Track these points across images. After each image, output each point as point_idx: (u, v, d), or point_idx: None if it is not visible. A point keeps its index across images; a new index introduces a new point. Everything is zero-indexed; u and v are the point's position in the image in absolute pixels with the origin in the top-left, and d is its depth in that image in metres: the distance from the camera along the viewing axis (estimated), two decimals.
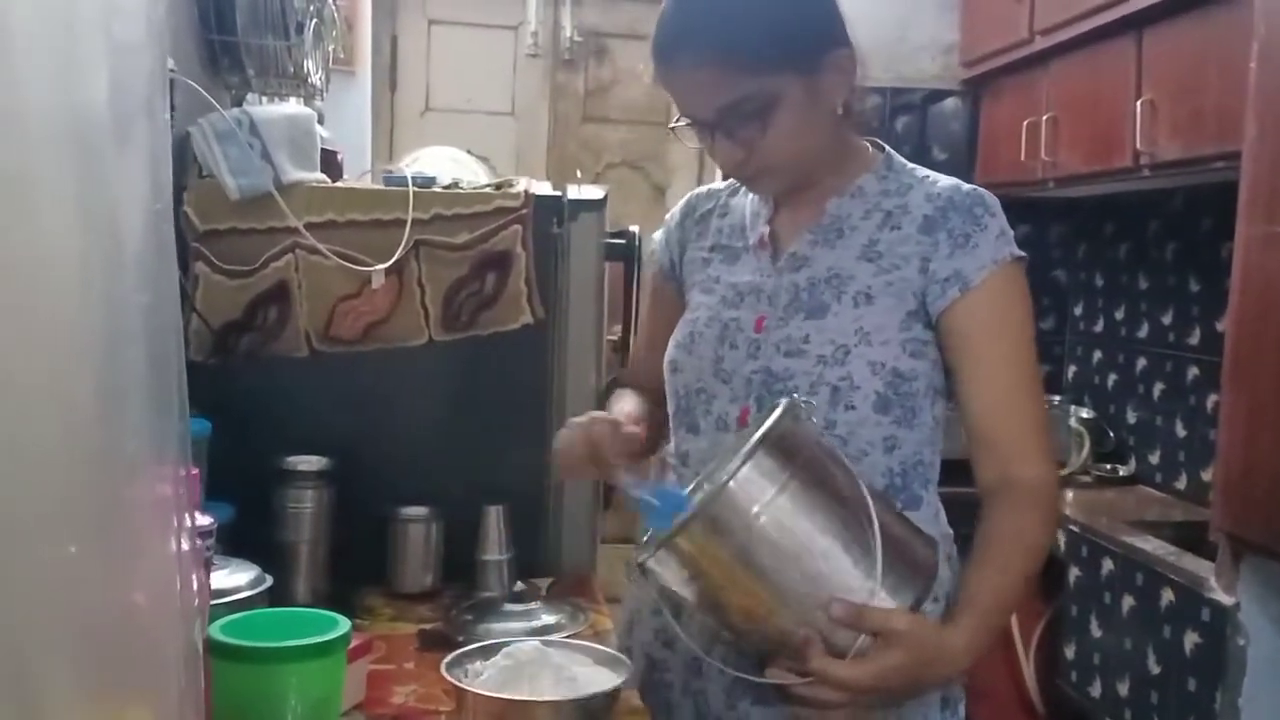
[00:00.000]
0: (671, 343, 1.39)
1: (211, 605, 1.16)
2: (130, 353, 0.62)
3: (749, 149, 1.25)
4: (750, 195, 1.41)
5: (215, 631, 1.11)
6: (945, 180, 1.32)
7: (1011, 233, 1.29)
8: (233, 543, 1.42)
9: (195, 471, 1.21)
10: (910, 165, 1.36)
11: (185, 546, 0.72)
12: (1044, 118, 3.01)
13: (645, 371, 1.49)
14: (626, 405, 1.39)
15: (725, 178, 1.41)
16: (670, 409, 1.39)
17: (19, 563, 0.56)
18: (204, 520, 1.23)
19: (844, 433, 1.25)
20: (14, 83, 0.54)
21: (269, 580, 1.34)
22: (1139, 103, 2.58)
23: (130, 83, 0.63)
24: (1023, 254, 1.28)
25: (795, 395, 1.18)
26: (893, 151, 1.38)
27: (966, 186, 1.31)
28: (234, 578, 1.30)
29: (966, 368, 1.26)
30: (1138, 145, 2.59)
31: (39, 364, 0.55)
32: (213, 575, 1.26)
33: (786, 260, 1.33)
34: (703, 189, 1.52)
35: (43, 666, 0.60)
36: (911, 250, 1.27)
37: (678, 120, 1.29)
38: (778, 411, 1.10)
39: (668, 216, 1.53)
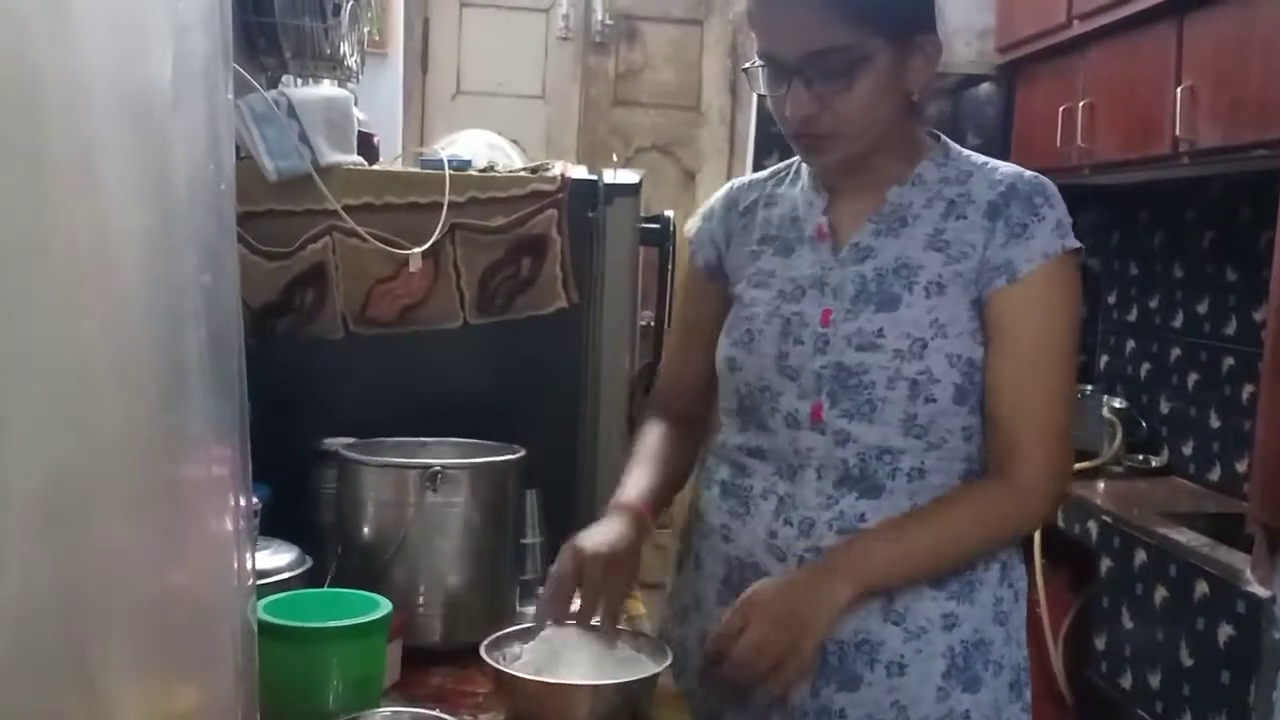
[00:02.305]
0: (727, 341, 1.36)
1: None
2: (193, 333, 0.62)
3: (822, 104, 1.23)
4: (801, 185, 1.38)
5: (259, 611, 1.12)
6: (1006, 167, 1.31)
7: (1070, 222, 1.27)
8: (269, 523, 1.43)
9: None
10: (966, 152, 1.35)
11: (241, 526, 0.72)
12: (1080, 104, 2.98)
13: (678, 384, 1.48)
14: (636, 485, 1.37)
15: (788, 130, 1.30)
16: (730, 406, 1.37)
17: (83, 540, 0.56)
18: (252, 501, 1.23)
19: (924, 423, 1.25)
20: (80, 61, 0.55)
21: (309, 561, 1.34)
22: (1179, 89, 2.55)
23: (193, 62, 0.63)
24: (1077, 245, 1.27)
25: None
26: (949, 140, 1.36)
27: (1029, 174, 1.30)
28: (275, 558, 1.31)
29: (994, 355, 1.25)
30: (1177, 132, 2.56)
31: (105, 341, 0.56)
32: (255, 556, 1.27)
33: (849, 251, 1.31)
34: (742, 180, 1.48)
35: (103, 643, 0.60)
36: (977, 238, 1.26)
37: (753, 61, 1.27)
38: None
39: (704, 211, 1.48)
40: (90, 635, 0.59)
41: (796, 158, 1.39)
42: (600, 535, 1.28)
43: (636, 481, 1.37)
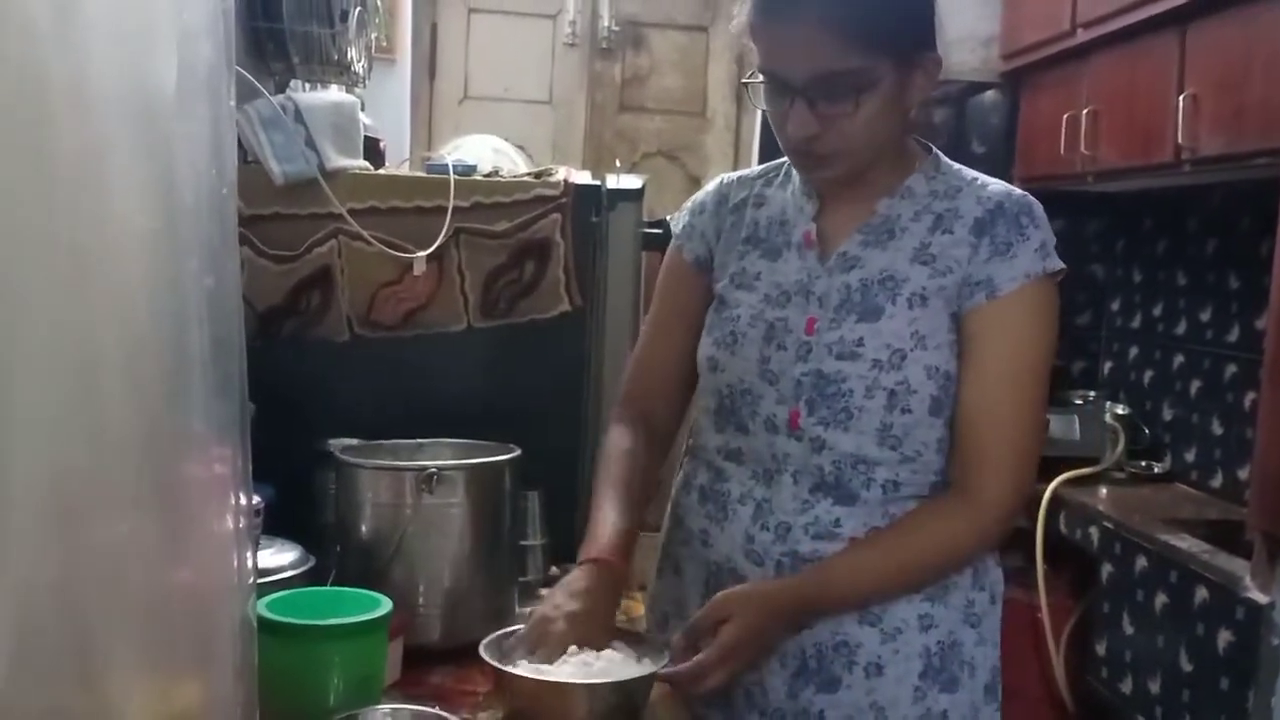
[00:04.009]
0: (709, 340, 1.36)
1: (257, 584, 1.19)
2: (196, 334, 0.64)
3: (826, 124, 1.21)
4: (791, 189, 1.38)
5: (261, 609, 1.13)
6: (995, 184, 1.31)
7: (1053, 244, 1.28)
8: (274, 523, 1.44)
9: None
10: (957, 166, 1.35)
11: (241, 524, 0.74)
12: (1084, 111, 2.99)
13: (649, 382, 1.45)
14: (606, 530, 1.31)
15: (788, 147, 1.29)
16: (710, 406, 1.37)
17: (87, 538, 0.58)
18: (253, 500, 1.25)
19: (900, 434, 1.26)
20: (87, 67, 0.56)
21: (312, 560, 1.36)
22: (1181, 97, 2.56)
23: (198, 68, 0.64)
24: (1060, 268, 1.27)
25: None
26: (939, 152, 1.36)
27: (1017, 193, 1.30)
28: (278, 557, 1.33)
29: (965, 369, 1.26)
30: (1179, 140, 2.56)
31: (110, 342, 0.57)
32: (258, 554, 1.28)
33: (836, 260, 1.31)
34: (732, 176, 1.46)
35: (106, 640, 0.61)
36: (963, 254, 1.27)
37: (752, 75, 1.26)
38: None
39: (693, 204, 1.46)
40: (94, 632, 0.60)
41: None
42: (568, 603, 1.23)
43: (606, 523, 1.33)
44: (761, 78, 1.24)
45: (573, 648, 1.21)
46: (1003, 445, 1.25)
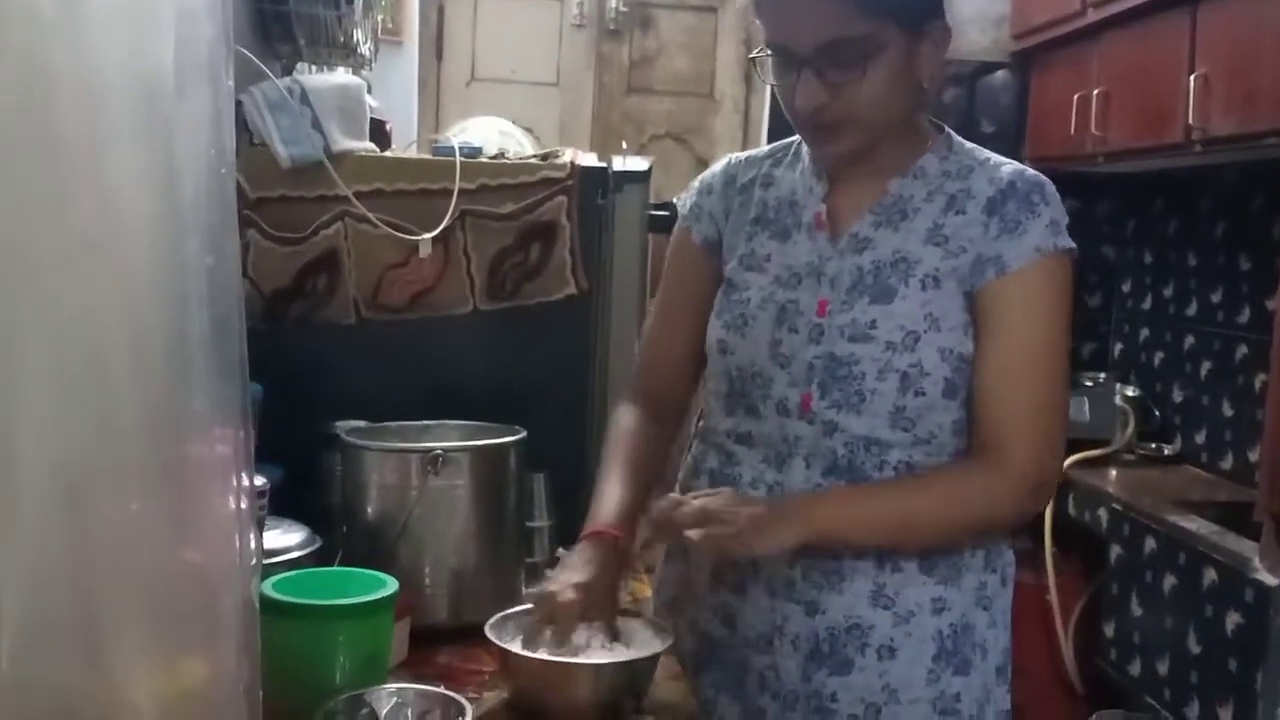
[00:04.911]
0: (718, 323, 1.35)
1: (264, 564, 1.19)
2: (197, 314, 0.64)
3: (834, 94, 1.21)
4: (801, 169, 1.37)
5: (267, 589, 1.14)
6: (1009, 165, 1.31)
7: (1065, 223, 1.27)
8: (283, 504, 1.45)
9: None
10: (970, 146, 1.34)
11: (244, 505, 0.74)
12: (1094, 92, 2.97)
13: (660, 364, 1.45)
14: (609, 505, 1.33)
15: (798, 120, 1.28)
16: (721, 389, 1.36)
17: (94, 519, 0.58)
18: (258, 481, 1.25)
19: (913, 416, 1.26)
20: (90, 53, 0.56)
21: (319, 541, 1.37)
22: (1192, 77, 2.54)
23: (197, 49, 0.65)
24: (1071, 246, 1.26)
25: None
26: (952, 132, 1.35)
27: (1030, 172, 1.29)
28: (285, 538, 1.34)
29: (981, 347, 1.25)
30: (1190, 121, 2.55)
31: (115, 324, 0.57)
32: (265, 535, 1.29)
33: (848, 241, 1.30)
34: (740, 156, 1.45)
35: (113, 619, 0.62)
36: (975, 233, 1.26)
37: (760, 50, 1.26)
38: None
39: (700, 184, 1.45)
40: (100, 612, 0.61)
41: (796, 137, 1.38)
42: (572, 575, 1.24)
43: (610, 498, 1.34)
44: (769, 52, 1.25)
45: (583, 639, 1.22)
46: (1019, 420, 1.24)
